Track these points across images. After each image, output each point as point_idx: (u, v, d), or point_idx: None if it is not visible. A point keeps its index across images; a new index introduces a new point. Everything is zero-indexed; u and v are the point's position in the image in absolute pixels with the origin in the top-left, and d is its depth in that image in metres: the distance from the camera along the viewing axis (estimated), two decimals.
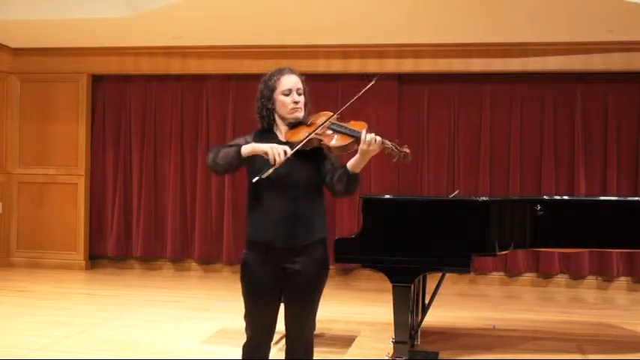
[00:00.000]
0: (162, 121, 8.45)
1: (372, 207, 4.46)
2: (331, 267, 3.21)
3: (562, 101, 7.76)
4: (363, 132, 2.87)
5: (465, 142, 7.91)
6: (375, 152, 2.88)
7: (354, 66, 7.84)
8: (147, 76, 8.41)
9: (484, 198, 4.68)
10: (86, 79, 8.43)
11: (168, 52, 8.16)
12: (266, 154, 2.84)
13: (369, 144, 2.84)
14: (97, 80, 8.55)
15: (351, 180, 2.93)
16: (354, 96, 3.02)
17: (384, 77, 7.84)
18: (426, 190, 7.87)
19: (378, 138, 2.86)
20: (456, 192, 6.38)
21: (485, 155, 7.85)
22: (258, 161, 2.92)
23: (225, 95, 8.28)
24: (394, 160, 2.95)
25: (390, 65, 7.80)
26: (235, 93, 8.22)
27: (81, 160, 8.46)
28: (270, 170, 2.81)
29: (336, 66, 7.91)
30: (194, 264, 8.47)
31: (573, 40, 7.31)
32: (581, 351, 5.07)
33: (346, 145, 2.92)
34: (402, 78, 8.00)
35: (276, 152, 2.82)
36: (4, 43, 8.27)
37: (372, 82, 3.04)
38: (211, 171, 3.08)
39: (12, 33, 7.77)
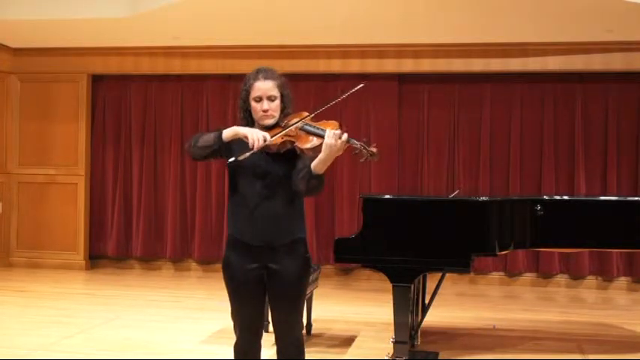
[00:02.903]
0: (162, 121, 8.45)
1: (372, 207, 4.46)
2: (331, 267, 3.21)
3: (562, 101, 7.76)
4: (328, 129, 2.86)
5: (465, 142, 7.90)
6: (341, 151, 2.84)
7: (354, 66, 7.84)
8: (147, 76, 8.41)
9: (484, 198, 4.68)
10: (86, 79, 8.43)
11: (168, 52, 8.16)
12: (246, 137, 2.87)
13: (334, 138, 2.81)
14: (97, 80, 8.55)
15: (314, 180, 2.89)
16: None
17: (383, 77, 7.89)
18: (426, 190, 7.87)
19: (345, 135, 2.83)
20: (456, 192, 6.38)
21: (485, 155, 7.84)
22: (235, 150, 2.93)
23: (225, 95, 8.26)
24: (362, 160, 2.90)
25: (390, 65, 7.80)
26: (235, 93, 8.14)
27: (81, 160, 8.45)
28: (247, 154, 2.84)
29: (336, 66, 7.91)
30: (194, 264, 8.46)
31: (573, 40, 7.31)
32: (581, 351, 5.07)
33: (318, 146, 2.89)
34: (402, 78, 7.99)
35: (256, 137, 2.85)
36: (4, 43, 8.27)
37: (359, 87, 3.03)
38: (191, 156, 3.06)
39: (12, 33, 7.77)
